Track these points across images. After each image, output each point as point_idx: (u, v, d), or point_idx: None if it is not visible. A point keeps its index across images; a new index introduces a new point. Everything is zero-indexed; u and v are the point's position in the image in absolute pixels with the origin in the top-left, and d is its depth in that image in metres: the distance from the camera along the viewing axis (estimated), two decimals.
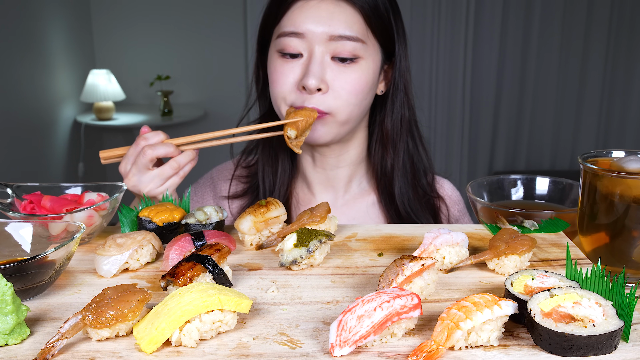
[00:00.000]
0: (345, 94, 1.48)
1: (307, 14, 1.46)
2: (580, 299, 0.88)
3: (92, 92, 5.05)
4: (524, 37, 5.53)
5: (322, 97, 1.48)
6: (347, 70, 1.48)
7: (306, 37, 1.47)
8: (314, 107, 1.47)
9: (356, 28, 1.47)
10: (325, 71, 1.47)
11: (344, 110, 1.50)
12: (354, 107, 1.51)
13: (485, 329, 0.85)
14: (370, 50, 1.51)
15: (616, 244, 1.15)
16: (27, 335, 0.89)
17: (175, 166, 1.41)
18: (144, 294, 0.90)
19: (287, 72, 1.50)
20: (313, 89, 1.46)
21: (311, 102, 1.47)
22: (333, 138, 1.56)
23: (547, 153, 5.84)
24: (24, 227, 1.11)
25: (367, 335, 0.83)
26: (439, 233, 1.14)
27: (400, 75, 1.59)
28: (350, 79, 1.48)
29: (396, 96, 1.61)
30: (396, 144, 1.64)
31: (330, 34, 1.45)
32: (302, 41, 1.47)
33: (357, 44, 1.47)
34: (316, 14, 1.46)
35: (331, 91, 1.48)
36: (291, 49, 1.48)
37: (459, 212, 1.78)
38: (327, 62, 1.47)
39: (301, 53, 1.49)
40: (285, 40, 1.49)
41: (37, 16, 4.63)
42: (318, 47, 1.46)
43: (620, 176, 1.11)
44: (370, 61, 1.51)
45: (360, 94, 1.51)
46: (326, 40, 1.46)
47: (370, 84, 1.53)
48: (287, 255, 1.12)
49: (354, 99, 1.50)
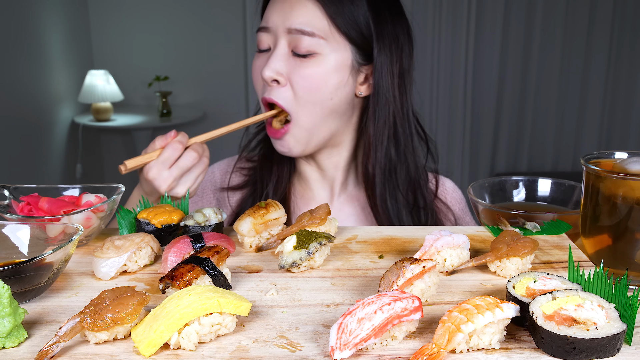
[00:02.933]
0: (300, 90, 1.49)
1: (274, 8, 1.51)
2: (582, 302, 0.88)
3: (90, 93, 5.04)
4: (526, 37, 5.52)
5: (280, 90, 1.50)
6: (303, 65, 1.48)
7: (271, 30, 1.51)
8: (270, 98, 1.50)
9: (315, 23, 1.47)
10: (284, 63, 1.49)
11: (303, 112, 1.50)
12: (313, 106, 1.50)
13: (486, 331, 0.85)
14: (332, 46, 1.49)
15: (619, 246, 1.14)
16: (25, 338, 0.88)
17: (204, 162, 1.43)
18: (142, 296, 0.89)
19: (257, 66, 1.55)
20: (268, 80, 1.49)
21: (270, 94, 1.50)
22: (303, 149, 1.56)
23: (549, 154, 5.84)
24: (21, 229, 1.11)
25: (368, 338, 0.83)
26: (440, 235, 1.13)
27: (381, 79, 1.54)
28: (306, 74, 1.48)
29: (376, 100, 1.57)
30: (377, 150, 1.59)
31: (288, 27, 1.48)
32: (269, 35, 1.52)
33: (314, 39, 1.47)
34: (280, 8, 1.50)
35: (289, 85, 1.50)
36: (262, 43, 1.54)
37: (460, 210, 1.77)
38: (287, 55, 1.49)
39: (270, 47, 1.53)
40: (259, 36, 1.55)
41: (34, 16, 4.62)
42: (280, 40, 1.49)
43: (623, 178, 1.10)
44: (332, 58, 1.49)
45: (317, 92, 1.49)
46: (286, 33, 1.48)
47: (332, 82, 1.50)
48: (287, 258, 1.11)
49: (311, 96, 1.49)
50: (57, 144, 5.06)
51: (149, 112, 5.56)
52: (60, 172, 5.10)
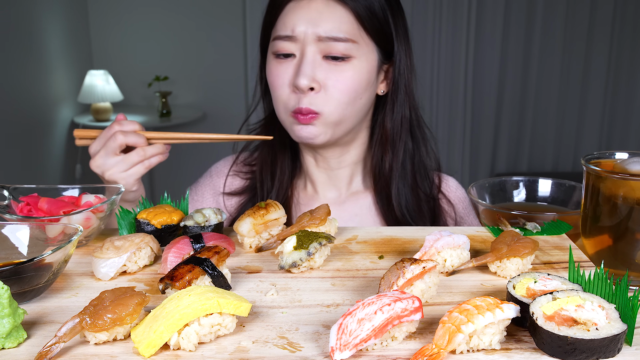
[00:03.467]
0: (337, 93, 1.48)
1: (298, 15, 1.47)
2: (583, 302, 0.88)
3: (90, 93, 5.03)
4: (526, 37, 5.52)
5: (315, 97, 1.47)
6: (339, 68, 1.47)
7: (297, 39, 1.47)
8: (308, 109, 1.47)
9: (346, 28, 1.46)
10: (317, 70, 1.46)
11: (336, 110, 1.50)
12: (346, 106, 1.50)
13: (487, 332, 0.85)
14: (363, 49, 1.49)
15: (619, 246, 1.14)
16: (24, 339, 0.88)
17: (142, 154, 1.45)
18: (142, 297, 0.89)
19: (282, 73, 1.50)
20: (305, 89, 1.46)
21: (305, 102, 1.47)
22: (328, 139, 1.55)
23: (550, 154, 5.84)
24: (21, 229, 1.10)
25: (368, 338, 0.83)
26: (440, 235, 1.13)
27: (400, 75, 1.58)
28: (343, 77, 1.48)
29: (396, 96, 1.60)
30: (395, 145, 1.62)
31: (319, 35, 1.45)
32: (294, 43, 1.48)
33: (347, 44, 1.46)
34: (306, 15, 1.46)
35: (324, 90, 1.47)
36: (284, 50, 1.49)
37: (464, 209, 1.77)
38: (318, 61, 1.47)
39: (294, 53, 1.49)
40: (279, 43, 1.50)
41: (34, 16, 4.62)
42: (309, 47, 1.46)
43: (624, 178, 1.10)
44: (364, 60, 1.50)
45: (353, 93, 1.50)
46: (316, 41, 1.46)
47: (364, 83, 1.52)
48: (287, 258, 1.11)
49: (346, 97, 1.49)
50: (56, 144, 5.05)
51: (149, 112, 5.55)
52: (60, 172, 5.09)
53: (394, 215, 1.64)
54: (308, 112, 1.49)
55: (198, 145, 1.76)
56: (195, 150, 5.03)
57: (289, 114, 1.52)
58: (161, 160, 1.49)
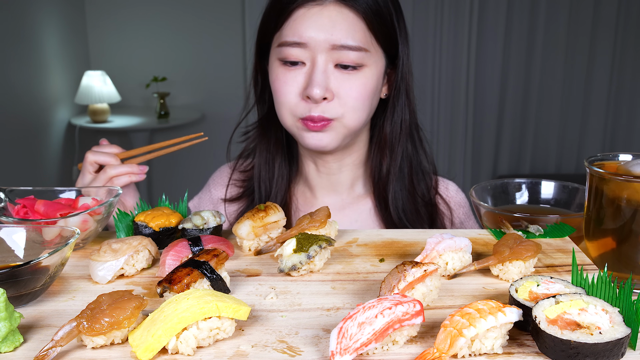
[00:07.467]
0: (351, 101, 1.48)
1: (309, 22, 1.44)
2: (586, 306, 0.87)
3: (87, 94, 5.03)
4: (529, 37, 5.52)
5: (328, 105, 1.47)
6: (352, 77, 1.47)
7: (308, 46, 1.45)
8: (321, 116, 1.47)
9: (359, 36, 1.45)
10: (329, 79, 1.45)
11: (351, 116, 1.50)
12: (361, 112, 1.51)
13: (489, 336, 0.84)
14: (373, 57, 1.49)
15: (623, 249, 1.13)
16: (21, 343, 0.87)
17: (111, 172, 1.49)
18: (139, 300, 0.89)
19: (290, 80, 1.48)
20: (319, 99, 1.45)
21: (317, 111, 1.46)
22: (340, 144, 1.55)
23: (553, 156, 5.83)
24: (17, 232, 1.10)
25: (368, 342, 0.82)
26: (441, 238, 1.12)
27: (402, 78, 1.58)
28: (355, 85, 1.47)
29: (397, 99, 1.60)
30: (394, 148, 1.62)
31: (333, 43, 1.43)
32: (304, 50, 1.46)
33: (359, 53, 1.45)
34: (318, 22, 1.43)
35: (337, 99, 1.47)
36: (293, 57, 1.47)
37: (464, 214, 1.77)
38: (330, 70, 1.46)
39: (303, 61, 1.47)
40: (287, 50, 1.47)
41: (30, 17, 4.61)
42: (320, 55, 1.44)
43: (628, 180, 1.10)
44: (374, 68, 1.50)
45: (367, 100, 1.50)
46: (328, 49, 1.44)
47: (375, 89, 1.52)
48: (287, 261, 1.10)
49: (360, 104, 1.49)
50: (53, 146, 5.04)
51: (147, 113, 5.54)
52: (57, 174, 5.08)
53: (391, 219, 1.63)
54: (320, 120, 1.48)
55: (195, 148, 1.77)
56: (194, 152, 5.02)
57: (296, 120, 1.51)
58: (133, 179, 1.52)
